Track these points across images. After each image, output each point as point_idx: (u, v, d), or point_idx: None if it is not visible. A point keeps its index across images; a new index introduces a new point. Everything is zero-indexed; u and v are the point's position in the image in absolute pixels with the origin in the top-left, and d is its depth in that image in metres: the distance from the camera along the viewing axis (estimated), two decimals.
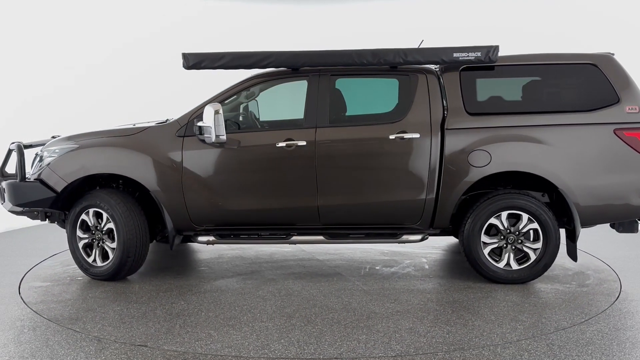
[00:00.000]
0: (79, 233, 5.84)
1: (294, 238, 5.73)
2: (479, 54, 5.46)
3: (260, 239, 5.78)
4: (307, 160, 5.54)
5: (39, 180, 5.81)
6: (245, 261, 6.56)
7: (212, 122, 5.33)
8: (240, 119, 6.19)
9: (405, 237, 5.64)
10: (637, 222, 5.68)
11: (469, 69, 5.62)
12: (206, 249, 7.19)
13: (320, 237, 5.71)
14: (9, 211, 6.16)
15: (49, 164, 5.83)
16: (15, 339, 4.27)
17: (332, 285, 5.58)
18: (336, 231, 5.74)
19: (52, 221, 6.26)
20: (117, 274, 5.73)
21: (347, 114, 5.89)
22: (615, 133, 5.36)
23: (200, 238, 5.79)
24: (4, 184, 6.02)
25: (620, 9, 10.61)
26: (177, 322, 4.63)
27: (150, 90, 10.21)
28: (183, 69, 5.70)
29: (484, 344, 4.12)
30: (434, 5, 11.52)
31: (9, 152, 6.22)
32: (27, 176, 5.98)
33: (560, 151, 5.37)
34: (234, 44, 7.56)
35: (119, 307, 5.01)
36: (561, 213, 5.62)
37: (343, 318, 4.66)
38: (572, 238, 5.64)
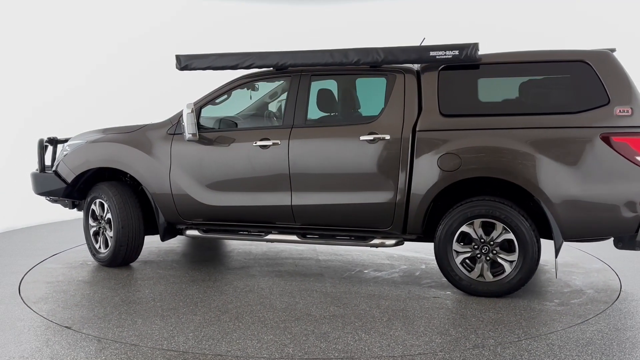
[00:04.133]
0: (90, 221, 6.37)
1: (270, 237, 5.82)
2: (456, 52, 5.19)
3: (244, 236, 5.93)
4: (282, 160, 5.59)
5: (54, 172, 6.42)
6: (248, 256, 6.74)
7: (185, 121, 5.59)
8: (268, 117, 6.40)
9: (376, 241, 5.50)
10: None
11: (450, 68, 5.34)
12: (232, 243, 7.44)
13: (294, 237, 5.74)
14: (46, 199, 6.88)
15: (64, 157, 6.42)
16: (15, 339, 4.29)
17: (301, 285, 5.58)
18: (314, 232, 5.74)
19: (79, 209, 6.87)
20: (113, 261, 6.17)
21: (324, 114, 5.84)
22: (601, 138, 4.84)
23: (188, 232, 6.06)
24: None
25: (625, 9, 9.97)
26: (121, 309, 4.90)
27: (153, 90, 10.59)
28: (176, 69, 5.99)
29: (380, 354, 3.96)
30: (439, 4, 11.23)
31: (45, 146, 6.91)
32: (52, 167, 6.64)
33: (538, 157, 4.94)
34: (238, 44, 7.75)
35: (89, 291, 5.40)
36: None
37: (272, 318, 4.66)
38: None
